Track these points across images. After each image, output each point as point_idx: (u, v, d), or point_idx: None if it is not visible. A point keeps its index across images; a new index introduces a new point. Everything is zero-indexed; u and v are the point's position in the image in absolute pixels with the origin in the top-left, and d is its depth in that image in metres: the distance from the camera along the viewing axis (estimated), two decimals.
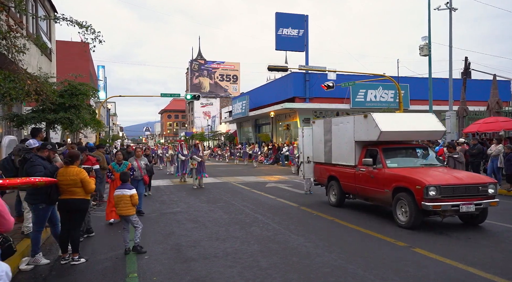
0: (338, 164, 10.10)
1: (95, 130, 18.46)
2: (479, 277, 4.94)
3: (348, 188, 9.71)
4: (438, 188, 7.11)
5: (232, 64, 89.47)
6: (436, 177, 7.49)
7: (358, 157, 9.26)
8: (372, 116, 8.74)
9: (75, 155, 5.87)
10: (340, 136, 9.94)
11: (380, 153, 8.60)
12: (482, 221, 7.77)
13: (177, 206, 10.77)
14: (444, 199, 7.15)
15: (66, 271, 5.48)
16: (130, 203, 6.23)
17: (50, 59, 15.81)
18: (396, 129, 8.70)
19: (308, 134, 11.69)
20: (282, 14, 32.59)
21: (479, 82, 30.65)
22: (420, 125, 9.09)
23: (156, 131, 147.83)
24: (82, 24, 7.93)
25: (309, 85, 29.92)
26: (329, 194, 10.55)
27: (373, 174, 8.60)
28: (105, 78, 55.03)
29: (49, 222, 5.94)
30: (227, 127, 58.47)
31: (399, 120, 9.30)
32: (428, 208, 7.12)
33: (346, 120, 9.78)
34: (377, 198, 8.72)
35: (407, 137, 9.28)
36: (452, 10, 21.29)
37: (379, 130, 8.45)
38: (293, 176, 19.19)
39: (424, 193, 7.11)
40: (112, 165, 8.78)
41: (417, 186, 7.28)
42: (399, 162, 8.66)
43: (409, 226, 7.47)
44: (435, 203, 7.09)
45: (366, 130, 8.91)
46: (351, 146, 9.43)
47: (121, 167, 8.56)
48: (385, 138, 8.68)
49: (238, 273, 5.18)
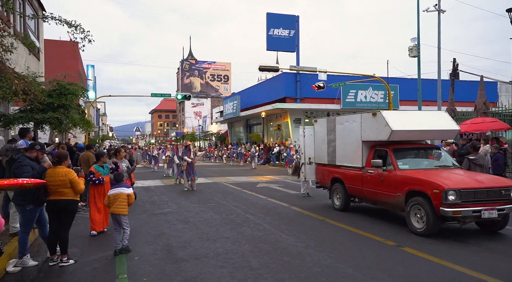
0: (343, 166, 9.51)
1: (84, 131, 18.26)
2: (467, 275, 5.01)
3: (354, 191, 9.10)
4: (458, 192, 6.52)
5: (223, 64, 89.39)
6: (455, 180, 6.91)
7: (365, 158, 8.68)
8: (382, 114, 8.09)
9: (63, 155, 5.82)
10: (345, 136, 9.35)
11: (391, 154, 8.01)
12: (502, 227, 7.18)
13: (167, 206, 10.71)
14: (464, 204, 6.54)
15: (54, 273, 5.42)
16: (126, 202, 6.19)
17: (38, 58, 15.62)
18: (408, 128, 8.08)
19: (310, 134, 11.13)
20: (273, 14, 32.67)
21: (467, 83, 31.07)
22: (433, 124, 8.42)
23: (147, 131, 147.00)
24: (71, 23, 7.85)
25: (300, 86, 30.03)
26: (333, 198, 9.96)
27: (383, 176, 7.98)
28: (94, 78, 54.58)
29: (37, 223, 5.86)
30: (218, 127, 58.39)
31: (411, 118, 8.55)
32: (447, 214, 6.50)
33: (352, 119, 9.16)
34: (388, 202, 8.07)
35: (419, 137, 8.69)
36: (441, 12, 21.55)
37: (389, 129, 7.81)
38: (284, 176, 19.25)
39: (443, 198, 6.50)
40: (96, 168, 7.77)
41: (434, 189, 6.68)
42: (411, 163, 8.06)
43: (426, 233, 6.87)
44: (455, 209, 6.48)
45: (375, 129, 8.28)
46: (358, 146, 8.84)
47: (105, 169, 7.82)
48: (396, 138, 8.07)
49: (229, 273, 5.18)
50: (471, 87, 28.63)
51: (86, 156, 10.71)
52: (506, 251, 6.12)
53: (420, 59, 21.65)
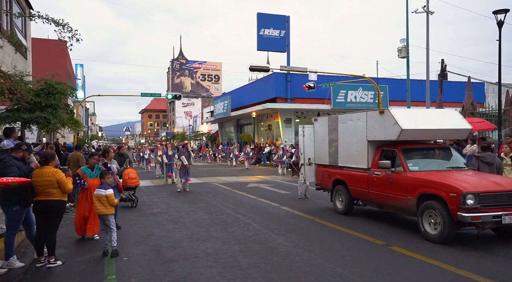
0: (346, 167, 9.02)
1: (73, 131, 18.06)
2: (455, 274, 5.08)
3: (359, 194, 8.62)
4: (477, 195, 6.07)
5: (214, 64, 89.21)
6: (473, 183, 6.46)
7: (371, 159, 8.22)
8: (391, 112, 7.65)
9: (50, 155, 5.75)
10: (348, 135, 8.85)
11: (400, 154, 7.54)
12: None
13: (157, 206, 10.66)
14: (484, 209, 6.09)
15: (41, 274, 5.35)
16: (107, 203, 6.13)
17: (25, 57, 15.40)
18: (419, 127, 7.61)
19: (310, 133, 10.57)
20: (264, 14, 32.70)
21: (454, 84, 31.46)
22: (444, 122, 7.96)
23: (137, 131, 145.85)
24: (59, 22, 7.76)
25: (290, 86, 30.10)
26: (335, 200, 9.47)
27: (391, 178, 7.51)
28: (83, 77, 53.98)
29: (24, 224, 5.79)
30: (209, 127, 58.21)
31: (420, 117, 8.05)
32: (466, 219, 6.02)
33: (356, 117, 8.69)
34: (396, 206, 7.62)
35: (430, 136, 8.21)
36: (429, 13, 21.79)
37: (399, 128, 7.34)
38: (275, 176, 19.28)
39: (461, 202, 6.04)
40: (83, 170, 7.27)
41: (451, 193, 6.22)
42: (421, 164, 7.61)
43: (441, 240, 6.40)
44: (474, 214, 6.01)
45: (383, 128, 7.81)
46: (363, 146, 8.34)
47: (94, 172, 7.23)
48: (406, 138, 7.60)
49: (218, 273, 5.17)
50: (459, 88, 29.00)
51: (75, 156, 10.61)
52: (491, 249, 6.21)
53: (409, 60, 21.89)
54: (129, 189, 10.56)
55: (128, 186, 10.32)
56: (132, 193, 10.74)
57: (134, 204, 10.61)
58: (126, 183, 10.11)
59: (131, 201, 10.62)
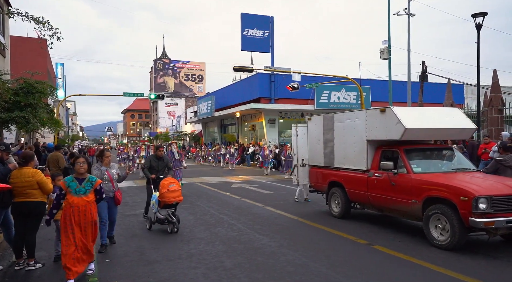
0: (343, 168, 8.63)
1: (53, 131, 17.69)
2: (439, 273, 5.17)
3: (357, 197, 8.22)
4: (490, 199, 5.71)
5: (197, 64, 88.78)
6: (485, 186, 6.09)
7: (371, 160, 7.83)
8: (393, 110, 7.23)
9: (29, 155, 5.62)
10: (345, 135, 8.48)
11: (402, 155, 7.17)
12: None
13: (140, 207, 10.52)
14: (497, 214, 5.73)
15: (21, 277, 5.22)
16: None
17: (3, 55, 15.02)
18: (423, 126, 7.25)
19: (303, 133, 10.17)
20: (248, 15, 32.70)
21: (435, 86, 32.12)
22: (448, 122, 7.63)
23: (119, 131, 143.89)
24: (39, 20, 7.61)
25: (274, 86, 30.19)
26: (331, 203, 9.04)
27: (394, 181, 7.10)
28: (64, 76, 52.93)
29: (2, 226, 5.64)
30: (193, 127, 57.87)
31: (423, 116, 7.68)
32: (478, 225, 5.65)
33: (354, 116, 8.30)
34: (399, 210, 7.20)
35: (434, 136, 7.89)
36: (410, 15, 22.20)
37: (402, 127, 6.95)
38: (259, 176, 19.30)
39: (473, 206, 5.67)
40: (67, 181, 5.04)
41: (462, 197, 5.83)
42: (425, 165, 7.27)
43: (451, 246, 6.03)
44: (487, 219, 5.65)
45: (384, 127, 7.44)
46: (362, 147, 7.97)
47: (82, 186, 5.04)
48: (409, 138, 7.21)
49: (202, 274, 5.15)
50: (439, 89, 29.61)
51: (55, 156, 10.40)
52: (471, 247, 6.35)
53: (391, 61, 22.25)
54: (168, 206, 7.47)
55: (168, 203, 7.38)
56: (172, 212, 7.57)
57: (175, 228, 7.49)
58: (165, 198, 7.30)
59: (171, 224, 7.52)
